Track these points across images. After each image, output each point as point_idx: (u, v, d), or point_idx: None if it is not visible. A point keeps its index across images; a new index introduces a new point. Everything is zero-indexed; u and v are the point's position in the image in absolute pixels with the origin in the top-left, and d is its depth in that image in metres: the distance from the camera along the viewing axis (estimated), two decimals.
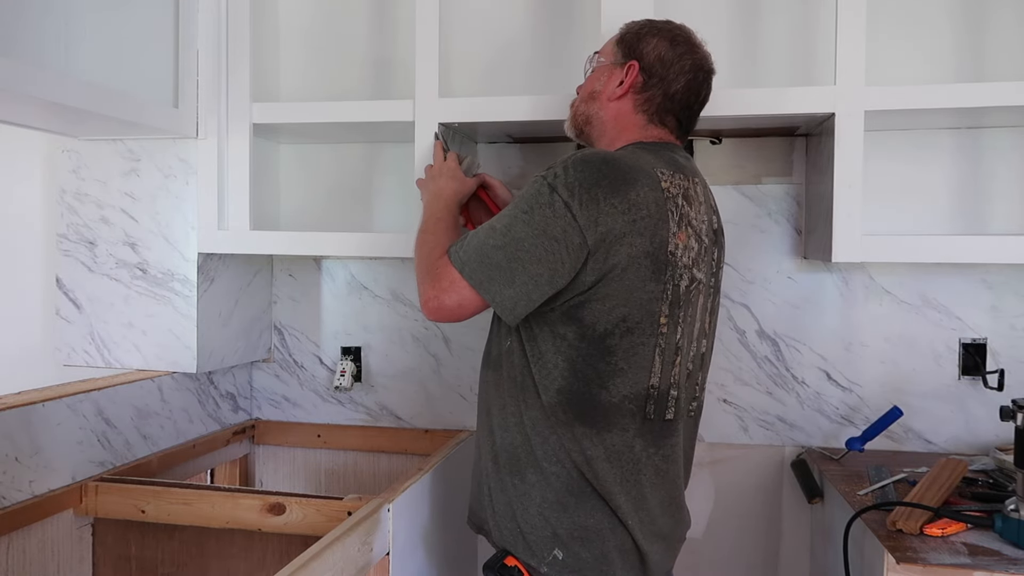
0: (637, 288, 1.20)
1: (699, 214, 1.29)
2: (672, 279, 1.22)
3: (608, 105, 1.36)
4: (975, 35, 1.83)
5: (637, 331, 1.21)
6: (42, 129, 1.80)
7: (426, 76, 1.75)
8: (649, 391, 1.24)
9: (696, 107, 1.37)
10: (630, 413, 1.24)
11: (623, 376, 1.22)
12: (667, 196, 1.22)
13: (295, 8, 2.12)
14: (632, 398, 1.23)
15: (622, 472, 1.25)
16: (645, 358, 1.22)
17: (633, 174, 1.21)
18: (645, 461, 1.26)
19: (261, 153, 2.01)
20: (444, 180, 1.53)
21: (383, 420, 2.17)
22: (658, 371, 1.24)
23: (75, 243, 1.90)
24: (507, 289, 1.20)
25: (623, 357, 1.22)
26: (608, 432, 1.24)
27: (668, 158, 1.29)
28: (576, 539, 1.25)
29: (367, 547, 1.40)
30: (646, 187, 1.20)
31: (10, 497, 1.48)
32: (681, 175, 1.28)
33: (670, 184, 1.24)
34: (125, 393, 1.76)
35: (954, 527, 1.35)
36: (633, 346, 1.22)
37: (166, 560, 1.73)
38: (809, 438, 1.96)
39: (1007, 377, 1.83)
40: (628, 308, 1.20)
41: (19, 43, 1.39)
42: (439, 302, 1.25)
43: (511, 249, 1.20)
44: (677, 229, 1.22)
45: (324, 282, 2.20)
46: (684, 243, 1.23)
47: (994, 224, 1.86)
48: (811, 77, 1.86)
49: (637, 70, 1.33)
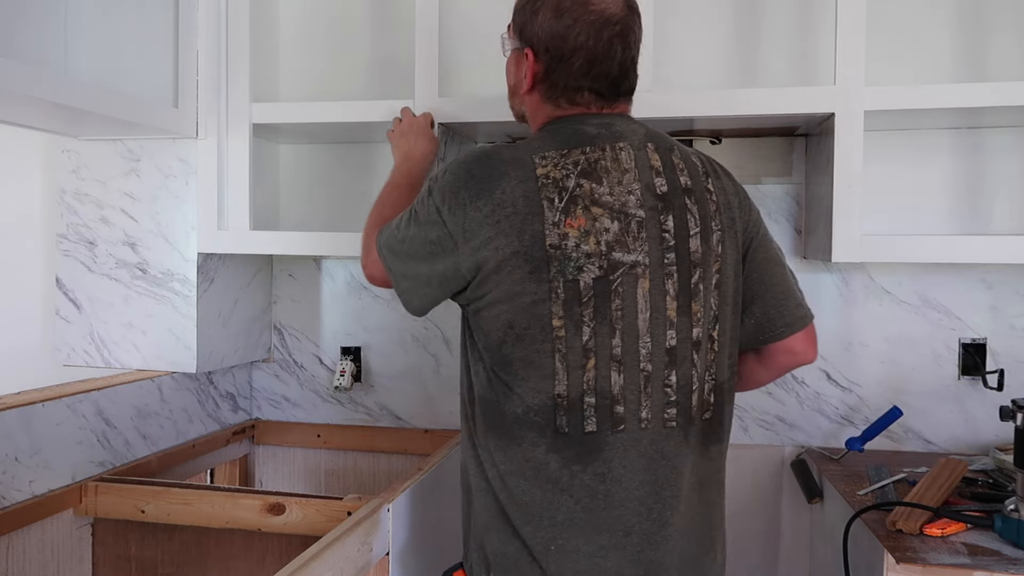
0: (516, 292, 1.08)
1: (619, 185, 1.11)
2: (561, 275, 1.07)
3: (525, 99, 1.24)
4: (975, 35, 1.83)
5: (527, 338, 1.09)
6: (42, 129, 1.80)
7: (426, 76, 1.75)
8: (556, 401, 1.09)
9: (615, 69, 1.16)
10: (538, 426, 1.10)
11: (524, 385, 1.10)
12: (543, 183, 1.09)
13: (295, 8, 2.12)
14: (537, 409, 1.10)
15: (543, 494, 1.10)
16: (544, 366, 1.09)
17: (502, 169, 1.11)
18: (568, 481, 1.09)
19: (261, 153, 2.01)
20: (415, 138, 1.48)
21: (383, 420, 2.17)
22: (563, 378, 1.09)
23: (75, 243, 1.90)
24: (403, 281, 1.21)
25: (521, 366, 1.10)
26: (518, 446, 1.11)
27: (570, 133, 1.14)
28: (500, 567, 1.14)
29: (367, 547, 1.40)
30: (514, 180, 1.09)
31: (10, 497, 1.48)
32: (588, 147, 1.12)
33: (553, 167, 1.10)
34: (125, 393, 1.76)
35: (954, 527, 1.35)
36: (528, 354, 1.09)
37: (166, 560, 1.73)
38: (809, 438, 1.96)
39: (1007, 377, 1.83)
40: (512, 314, 1.09)
41: (19, 43, 1.39)
42: (369, 272, 1.31)
43: (406, 244, 1.18)
44: (563, 216, 1.08)
45: (324, 282, 2.20)
46: (584, 228, 1.08)
47: (994, 224, 1.86)
48: (811, 77, 1.86)
49: (533, 59, 1.18)
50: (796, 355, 1.26)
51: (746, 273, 1.23)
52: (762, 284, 1.23)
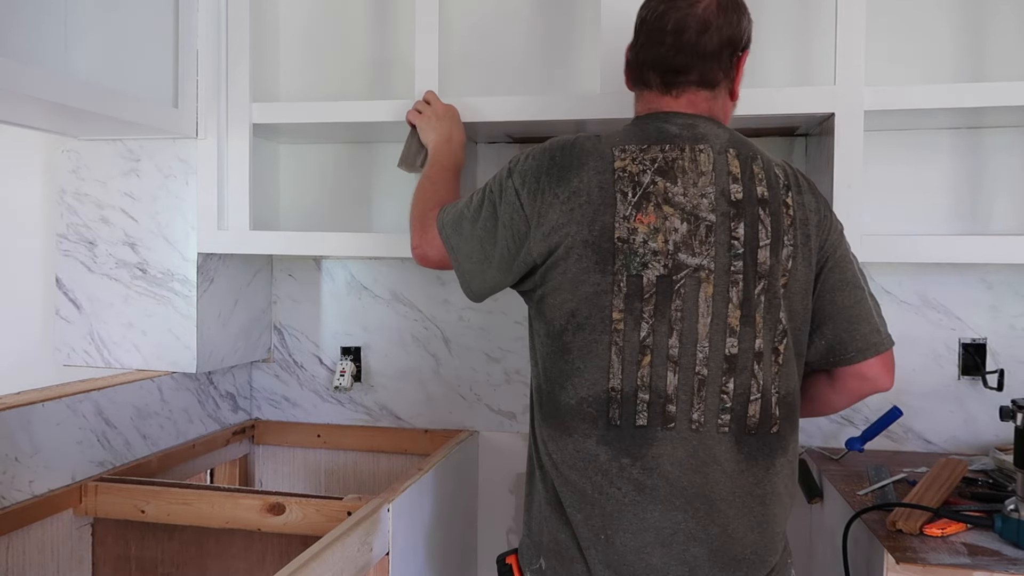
0: (581, 281, 1.12)
1: (693, 187, 1.12)
2: (626, 269, 1.10)
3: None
4: (974, 35, 1.83)
5: (588, 327, 1.12)
6: (42, 129, 1.80)
7: (426, 76, 1.75)
8: (610, 394, 1.12)
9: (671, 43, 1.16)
10: (591, 418, 1.13)
11: (580, 376, 1.13)
12: (619, 176, 1.12)
13: (295, 8, 2.12)
14: (591, 401, 1.12)
15: (592, 484, 1.12)
16: (601, 357, 1.12)
17: (583, 158, 1.15)
18: (617, 473, 1.11)
19: (261, 153, 2.01)
20: (451, 123, 1.54)
21: (383, 420, 2.17)
22: (618, 372, 1.11)
23: (75, 243, 1.90)
24: (466, 263, 1.25)
25: (579, 356, 1.13)
26: (570, 437, 1.14)
27: (652, 129, 1.17)
28: (552, 552, 1.17)
29: (367, 547, 1.40)
30: (592, 171, 1.13)
31: (10, 497, 1.48)
32: (667, 145, 1.14)
33: (630, 162, 1.13)
34: (125, 393, 1.76)
35: (954, 527, 1.35)
36: (587, 344, 1.12)
37: (166, 560, 1.73)
38: (809, 438, 1.96)
39: (1007, 377, 1.83)
40: (575, 303, 1.13)
41: (19, 43, 1.39)
42: (422, 251, 1.35)
43: (476, 225, 1.23)
44: (635, 211, 1.11)
45: (324, 282, 2.20)
46: (653, 225, 1.11)
47: (994, 224, 1.86)
48: (811, 77, 1.86)
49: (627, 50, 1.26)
50: (868, 381, 1.24)
51: (819, 293, 1.21)
52: (834, 305, 1.21)
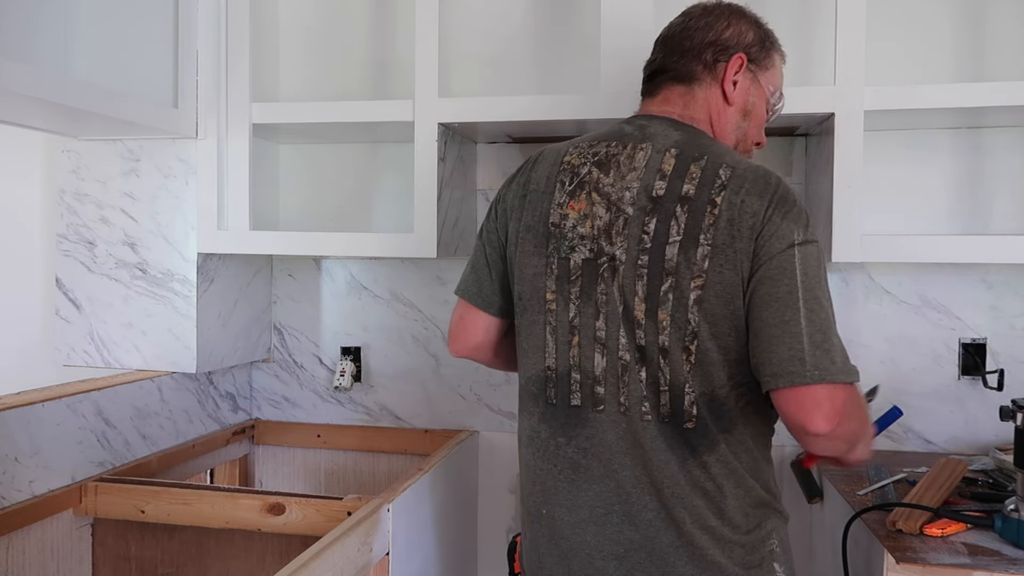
0: (525, 264, 1.20)
1: (621, 180, 1.13)
2: (557, 251, 1.15)
3: None
4: (974, 35, 1.83)
5: (530, 309, 1.20)
6: (42, 129, 1.80)
7: (426, 76, 1.75)
8: (547, 373, 1.17)
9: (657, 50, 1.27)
10: (533, 396, 1.21)
11: (526, 357, 1.21)
12: (562, 168, 1.19)
13: (295, 8, 2.12)
14: (533, 380, 1.20)
15: (535, 460, 1.20)
16: (538, 338, 1.18)
17: (543, 156, 1.24)
18: (554, 451, 1.17)
19: (261, 153, 2.01)
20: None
21: (383, 420, 2.17)
22: (552, 352, 1.16)
23: (75, 243, 1.90)
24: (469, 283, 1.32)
25: (525, 337, 1.21)
26: (522, 414, 1.24)
27: (614, 130, 1.22)
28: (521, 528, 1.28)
29: (367, 547, 1.40)
30: (545, 164, 1.23)
31: (10, 497, 1.48)
32: (615, 142, 1.18)
33: (577, 155, 1.19)
34: (125, 393, 1.76)
35: (954, 527, 1.35)
36: (529, 325, 1.20)
37: (166, 560, 1.73)
38: None
39: (1007, 377, 1.83)
40: (521, 286, 1.21)
41: (19, 43, 1.39)
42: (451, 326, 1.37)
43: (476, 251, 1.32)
44: (568, 199, 1.16)
45: (324, 282, 2.20)
46: (582, 211, 1.14)
47: (994, 224, 1.86)
48: (811, 77, 1.86)
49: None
50: (786, 415, 1.04)
51: (748, 303, 1.08)
52: (759, 320, 1.06)
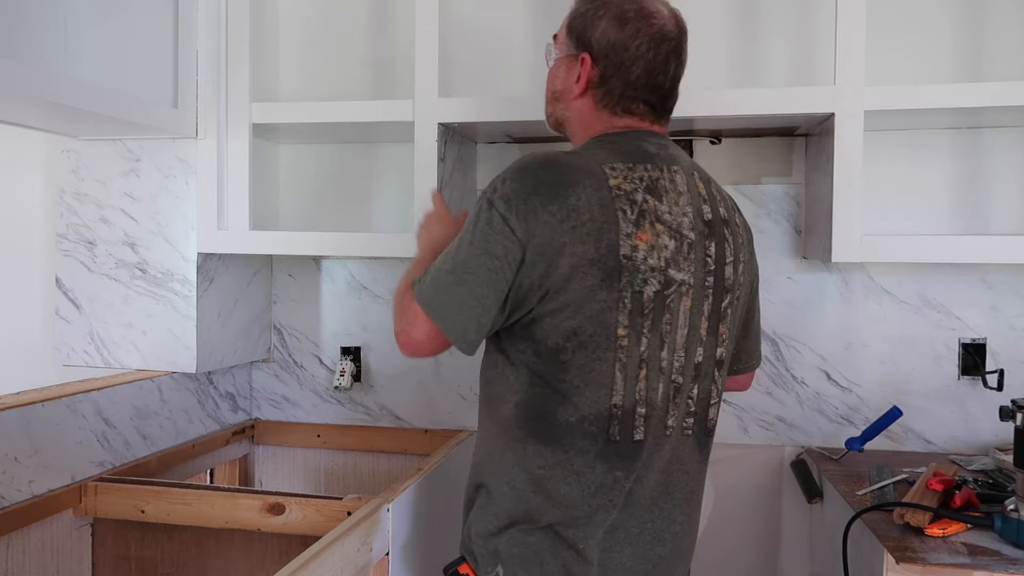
0: (586, 299, 1.09)
1: (676, 206, 1.15)
2: (631, 285, 1.10)
3: (571, 105, 1.25)
4: (974, 35, 1.83)
5: (591, 345, 1.11)
6: (42, 129, 1.80)
7: (426, 76, 1.75)
8: (612, 411, 1.12)
9: (667, 83, 1.21)
10: (591, 435, 1.13)
11: (580, 395, 1.12)
12: (616, 195, 1.11)
13: (295, 8, 2.12)
14: (592, 419, 1.12)
15: (583, 498, 1.14)
16: (604, 375, 1.11)
17: (574, 176, 1.11)
18: (611, 486, 1.14)
19: (261, 153, 2.01)
20: (434, 225, 1.41)
21: (383, 420, 2.17)
22: (620, 388, 1.12)
23: (75, 243, 1.90)
24: (456, 315, 1.12)
25: (578, 374, 1.12)
26: (565, 453, 1.14)
27: (632, 148, 1.17)
28: (515, 558, 1.16)
29: (367, 547, 1.40)
30: (589, 188, 1.10)
31: (10, 497, 1.48)
32: (649, 164, 1.16)
33: (623, 179, 1.13)
34: (124, 393, 1.76)
35: (954, 527, 1.35)
36: (588, 361, 1.11)
37: (166, 560, 1.73)
38: (809, 438, 1.96)
39: (1007, 377, 1.83)
40: (578, 320, 1.10)
41: (19, 43, 1.39)
42: (408, 336, 1.17)
43: (458, 272, 1.12)
44: (635, 229, 1.10)
45: (324, 282, 2.20)
46: (650, 243, 1.11)
47: (994, 224, 1.86)
48: (811, 77, 1.86)
49: (590, 64, 1.20)
50: (744, 388, 1.48)
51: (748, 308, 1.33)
52: (752, 321, 1.36)
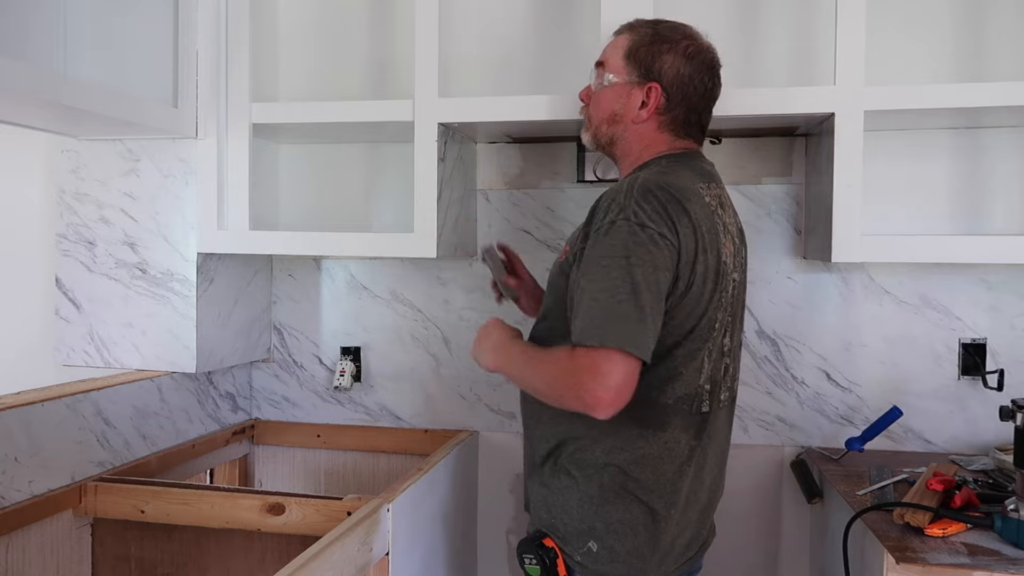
0: (705, 301, 1.26)
1: (731, 219, 1.36)
2: (725, 287, 1.29)
3: (632, 127, 1.37)
4: (975, 35, 1.83)
5: (698, 339, 1.27)
6: (42, 129, 1.80)
7: (426, 76, 1.75)
8: (699, 390, 1.29)
9: (712, 105, 1.40)
10: (683, 412, 1.28)
11: (680, 380, 1.27)
12: (711, 209, 1.29)
13: (295, 8, 2.12)
14: (685, 398, 1.28)
15: (670, 467, 1.28)
16: (699, 361, 1.28)
17: (685, 194, 1.24)
18: (688, 455, 1.29)
19: (261, 153, 2.01)
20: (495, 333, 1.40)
21: (383, 420, 2.17)
22: (707, 371, 1.29)
23: (75, 243, 1.90)
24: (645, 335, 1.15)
25: (683, 363, 1.26)
26: (662, 431, 1.27)
27: (700, 169, 1.34)
28: (612, 533, 1.28)
29: (366, 547, 1.40)
30: (697, 205, 1.26)
31: (10, 497, 1.48)
32: (714, 184, 1.35)
33: (710, 197, 1.30)
34: (124, 393, 1.76)
35: (954, 527, 1.35)
36: (692, 352, 1.27)
37: (165, 560, 1.73)
38: (809, 438, 1.96)
39: (1007, 377, 1.83)
40: (696, 318, 1.25)
41: (19, 43, 1.39)
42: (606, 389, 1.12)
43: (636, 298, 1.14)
44: (725, 239, 1.30)
45: (324, 282, 2.20)
46: (730, 250, 1.31)
47: (994, 224, 1.86)
48: (811, 77, 1.86)
49: (660, 92, 1.33)
50: None
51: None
52: None
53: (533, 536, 1.34)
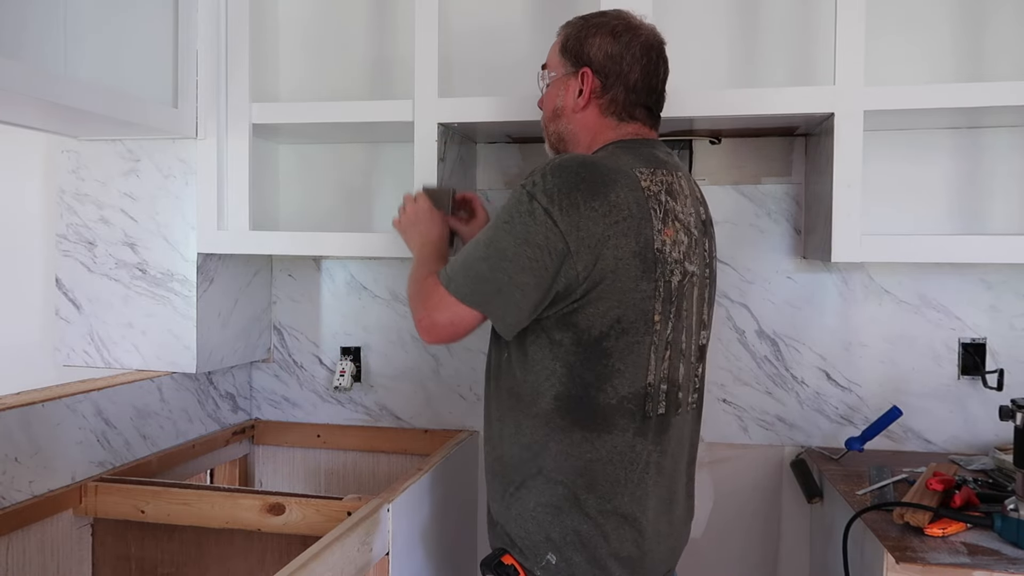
0: (629, 289, 1.20)
1: (685, 207, 1.29)
2: (663, 276, 1.22)
3: (574, 117, 1.35)
4: (974, 35, 1.83)
5: (632, 331, 1.21)
6: (42, 129, 1.80)
7: (426, 76, 1.75)
8: (647, 389, 1.24)
9: (660, 86, 1.35)
10: (629, 413, 1.23)
11: (620, 377, 1.22)
12: (648, 194, 1.22)
13: (295, 8, 2.12)
14: (630, 398, 1.23)
15: (625, 473, 1.24)
16: (641, 356, 1.22)
17: (611, 175, 1.20)
18: (646, 459, 1.25)
19: (260, 153, 2.01)
20: (426, 224, 1.51)
21: (383, 420, 2.17)
22: (654, 369, 1.24)
23: (75, 243, 1.90)
24: (495, 299, 1.21)
25: (619, 358, 1.22)
26: (608, 434, 1.23)
27: (647, 155, 1.29)
28: (569, 544, 1.24)
29: (367, 547, 1.40)
30: (625, 188, 1.20)
31: (10, 497, 1.48)
32: (663, 170, 1.28)
33: (651, 182, 1.24)
34: (124, 393, 1.76)
35: (954, 527, 1.35)
36: (629, 346, 1.22)
37: (166, 560, 1.73)
38: (809, 438, 1.96)
39: (1006, 377, 1.83)
40: (622, 309, 1.20)
41: (19, 43, 1.39)
42: (431, 320, 1.26)
43: (495, 260, 1.20)
44: (663, 226, 1.23)
45: (324, 282, 2.20)
46: (672, 238, 1.24)
47: (993, 224, 1.86)
48: (811, 77, 1.86)
49: (591, 75, 1.31)
50: None
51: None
52: None
53: (493, 554, 1.30)
